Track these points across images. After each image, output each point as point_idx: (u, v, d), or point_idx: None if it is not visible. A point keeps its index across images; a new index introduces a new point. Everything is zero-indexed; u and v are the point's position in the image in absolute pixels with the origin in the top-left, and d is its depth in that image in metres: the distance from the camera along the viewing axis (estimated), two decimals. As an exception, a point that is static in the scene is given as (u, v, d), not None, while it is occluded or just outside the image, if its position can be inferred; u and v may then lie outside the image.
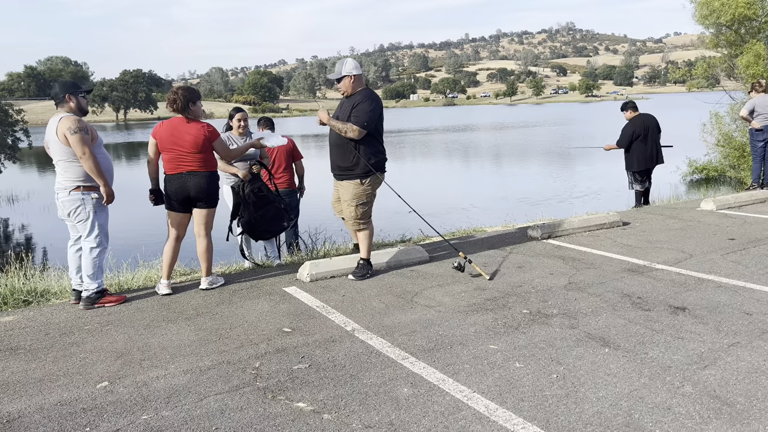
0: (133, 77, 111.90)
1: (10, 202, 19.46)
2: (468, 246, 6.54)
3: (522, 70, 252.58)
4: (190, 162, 4.93)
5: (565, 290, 4.90)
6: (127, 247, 8.10)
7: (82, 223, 4.68)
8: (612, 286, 4.97)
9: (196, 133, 4.90)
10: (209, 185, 5.00)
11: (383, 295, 4.89)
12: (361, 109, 5.10)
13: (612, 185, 17.64)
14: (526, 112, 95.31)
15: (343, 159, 5.21)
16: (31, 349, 3.96)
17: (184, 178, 4.95)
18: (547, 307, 4.50)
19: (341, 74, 5.19)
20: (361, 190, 5.24)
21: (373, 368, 3.51)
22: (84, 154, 4.51)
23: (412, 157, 32.82)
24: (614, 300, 4.61)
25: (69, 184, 4.62)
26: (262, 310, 4.59)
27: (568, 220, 7.19)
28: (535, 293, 4.84)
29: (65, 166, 4.61)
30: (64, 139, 4.53)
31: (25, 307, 4.92)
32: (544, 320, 4.22)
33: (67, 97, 4.69)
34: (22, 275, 5.56)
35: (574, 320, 4.20)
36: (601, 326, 4.07)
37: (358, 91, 5.23)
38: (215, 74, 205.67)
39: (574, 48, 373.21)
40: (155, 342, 4.02)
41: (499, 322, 4.21)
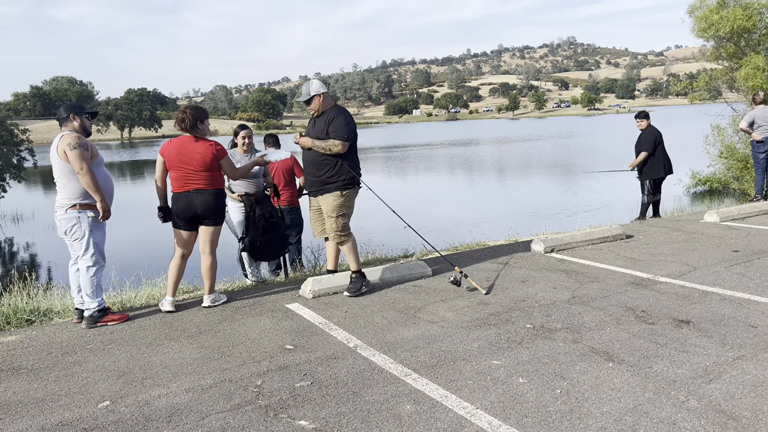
0: (138, 96, 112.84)
1: (15, 221, 19.55)
2: (470, 260, 6.52)
3: (524, 85, 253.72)
4: (198, 180, 4.96)
5: (568, 304, 4.88)
6: (131, 264, 8.11)
7: (78, 241, 4.69)
8: (616, 300, 4.94)
9: (204, 151, 4.93)
10: (216, 203, 5.02)
11: (386, 311, 4.87)
12: (337, 124, 5.20)
13: (617, 198, 17.63)
14: (529, 125, 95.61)
15: (322, 174, 5.26)
16: (33, 368, 3.96)
17: (192, 197, 4.97)
18: (550, 321, 4.48)
19: (310, 95, 5.29)
20: (341, 202, 5.29)
21: (375, 385, 3.49)
22: (81, 169, 4.53)
23: (416, 171, 32.88)
24: (618, 314, 4.59)
25: (66, 202, 4.65)
26: (265, 327, 4.58)
27: (572, 234, 7.17)
28: (538, 307, 4.82)
29: (63, 183, 4.65)
30: (63, 155, 4.57)
31: (27, 327, 4.92)
32: (548, 335, 4.19)
33: (71, 116, 4.75)
34: (26, 294, 5.56)
35: (578, 334, 4.17)
36: (605, 340, 4.04)
37: (329, 108, 5.34)
38: (219, 92, 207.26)
39: (575, 62, 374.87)
40: (157, 360, 4.01)
41: (502, 337, 4.19)
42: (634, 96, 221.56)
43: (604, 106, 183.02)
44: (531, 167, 31.26)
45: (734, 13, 15.06)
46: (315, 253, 7.22)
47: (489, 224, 13.51)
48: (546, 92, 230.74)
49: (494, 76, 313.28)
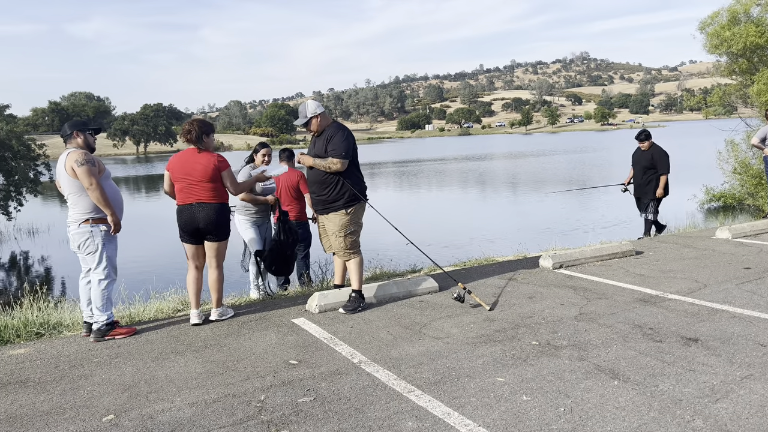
0: (154, 111, 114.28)
1: (30, 235, 19.79)
2: (478, 276, 6.51)
3: (537, 100, 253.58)
4: (200, 192, 4.99)
5: (575, 321, 4.84)
6: (140, 278, 8.18)
7: (91, 255, 4.76)
8: (623, 317, 4.90)
9: (206, 162, 4.98)
10: (218, 217, 5.02)
11: (391, 326, 4.87)
12: (335, 142, 5.24)
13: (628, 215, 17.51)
14: (542, 140, 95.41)
15: (326, 193, 5.30)
16: (41, 381, 3.99)
17: (194, 210, 5.01)
18: (556, 338, 4.45)
19: (308, 116, 5.34)
20: (347, 220, 5.31)
21: (378, 401, 3.48)
22: (91, 185, 4.61)
23: (428, 186, 32.90)
24: (625, 331, 4.55)
25: (78, 217, 4.73)
26: (270, 342, 4.60)
27: (580, 250, 7.13)
28: (544, 324, 4.79)
29: (74, 200, 4.73)
30: (72, 172, 4.65)
31: (37, 340, 4.97)
32: (553, 352, 4.16)
33: (75, 133, 4.84)
34: (36, 307, 5.63)
35: (584, 352, 4.14)
36: (611, 358, 4.01)
37: (328, 126, 5.38)
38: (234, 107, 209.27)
39: (589, 77, 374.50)
40: (162, 374, 4.03)
41: (507, 353, 4.16)
42: (648, 111, 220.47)
43: (617, 121, 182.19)
44: (544, 182, 31.16)
45: (747, 29, 15.01)
46: (322, 267, 7.24)
47: (499, 240, 13.48)
48: (559, 107, 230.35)
49: (507, 92, 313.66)
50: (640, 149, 9.14)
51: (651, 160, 8.97)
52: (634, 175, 9.26)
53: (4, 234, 20.00)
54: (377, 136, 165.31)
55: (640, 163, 9.14)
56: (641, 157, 9.13)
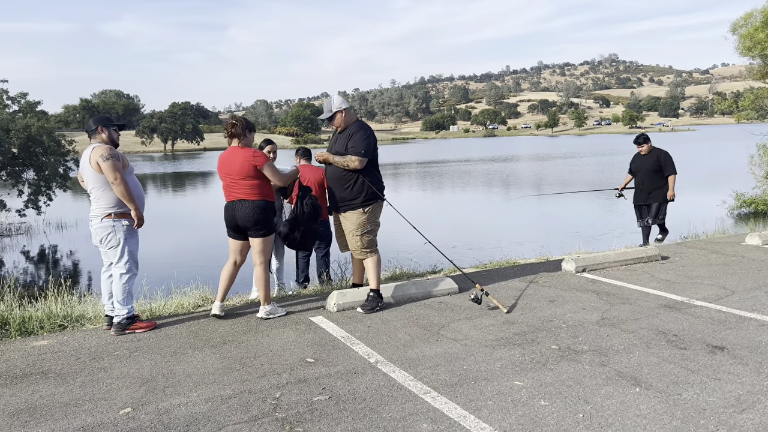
0: (182, 109, 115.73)
1: (59, 229, 20.20)
2: (498, 278, 6.43)
3: (564, 102, 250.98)
4: (239, 190, 5.01)
5: (597, 326, 4.75)
6: (163, 274, 8.27)
7: (113, 249, 4.82)
8: (647, 323, 4.79)
9: (242, 159, 4.98)
10: (257, 214, 4.98)
11: (409, 327, 4.83)
12: (356, 139, 5.22)
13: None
14: (568, 142, 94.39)
15: (344, 191, 5.28)
16: (61, 373, 4.05)
17: (234, 207, 5.03)
18: (577, 343, 4.37)
19: (332, 111, 5.32)
20: (364, 219, 5.28)
21: (393, 402, 3.45)
22: (116, 179, 4.67)
23: (452, 187, 32.75)
24: (648, 337, 4.44)
25: (101, 212, 4.78)
26: (288, 340, 4.59)
27: (604, 254, 7.01)
28: (565, 328, 4.70)
29: (97, 194, 4.79)
30: (96, 166, 4.71)
31: (60, 332, 5.04)
32: (574, 357, 4.08)
33: (99, 128, 4.90)
34: (60, 300, 5.72)
35: (605, 357, 4.05)
36: (633, 364, 3.92)
37: (351, 124, 5.36)
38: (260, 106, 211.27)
39: (617, 79, 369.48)
40: (180, 369, 4.05)
41: (527, 357, 4.10)
42: (678, 114, 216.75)
43: (646, 124, 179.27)
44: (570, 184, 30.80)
45: (781, 30, 14.63)
46: (342, 266, 7.23)
47: (522, 242, 13.34)
48: (586, 109, 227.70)
49: (533, 93, 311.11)
50: (640, 154, 8.71)
51: (657, 164, 8.54)
52: (639, 182, 8.74)
53: (33, 228, 20.47)
54: (401, 137, 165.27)
55: (644, 168, 8.66)
56: (644, 162, 8.67)
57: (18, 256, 17.51)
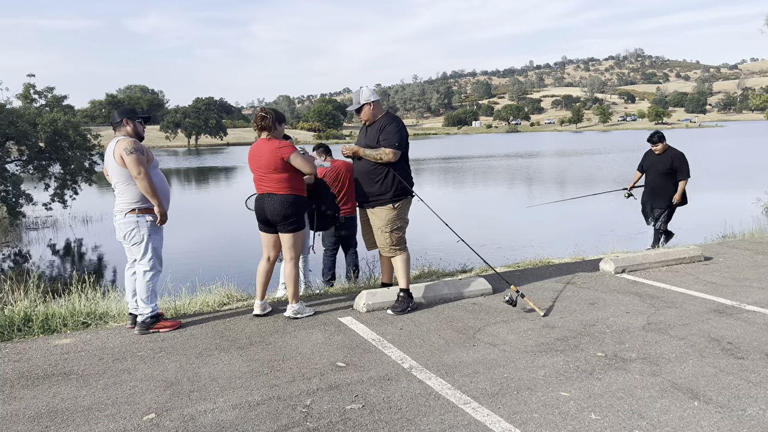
0: (205, 104, 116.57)
1: (84, 223, 20.34)
2: (533, 278, 6.17)
3: (588, 97, 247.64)
4: (268, 183, 4.84)
5: (643, 331, 4.47)
6: (188, 270, 8.15)
7: (136, 245, 4.68)
8: (697, 329, 4.50)
9: (269, 152, 4.80)
10: (285, 209, 4.79)
11: (443, 330, 4.61)
12: (389, 131, 5.03)
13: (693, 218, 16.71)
14: (593, 138, 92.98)
15: (373, 185, 5.08)
16: (84, 374, 3.90)
17: (263, 200, 4.88)
18: (624, 350, 4.10)
19: (360, 103, 5.11)
20: (394, 215, 5.08)
21: (431, 412, 3.23)
22: (139, 174, 4.52)
23: (476, 183, 32.37)
24: (701, 345, 4.16)
25: (125, 207, 4.64)
26: (317, 342, 4.40)
27: (644, 254, 6.70)
28: (610, 334, 4.44)
29: (121, 189, 4.65)
30: (120, 160, 4.56)
31: (83, 329, 4.92)
32: (622, 365, 3.82)
33: (124, 121, 4.75)
34: (84, 296, 5.60)
35: (656, 366, 3.79)
36: (688, 375, 3.64)
37: (380, 117, 5.16)
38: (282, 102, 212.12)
39: (643, 75, 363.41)
40: (206, 372, 3.88)
41: (571, 365, 3.84)
42: (705, 110, 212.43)
43: (672, 120, 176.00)
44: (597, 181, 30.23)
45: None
46: (370, 264, 7.03)
47: (554, 240, 13.00)
48: (611, 105, 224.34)
49: (557, 88, 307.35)
50: (653, 152, 8.19)
51: (669, 165, 7.97)
52: (648, 181, 8.23)
53: (59, 221, 20.66)
54: (423, 132, 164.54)
55: (655, 168, 8.14)
56: (657, 162, 8.14)
57: (44, 249, 17.65)
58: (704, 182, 26.61)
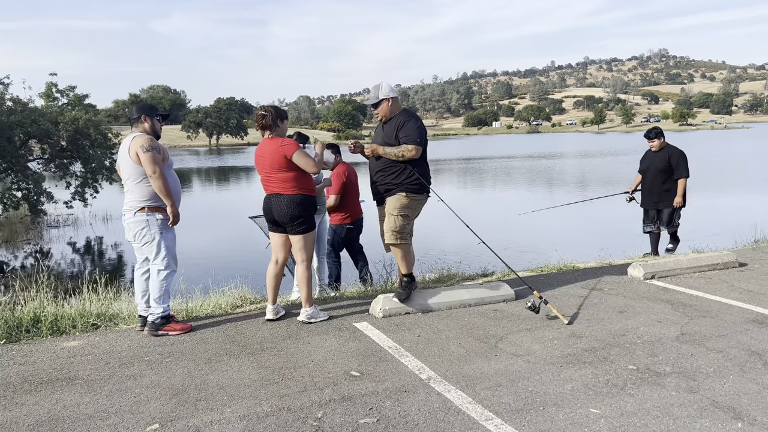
0: (226, 105, 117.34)
1: (104, 221, 20.47)
2: (558, 283, 5.91)
3: (611, 98, 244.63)
4: (273, 183, 4.68)
5: (677, 343, 4.21)
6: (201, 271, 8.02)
7: (148, 245, 4.56)
8: (735, 341, 4.22)
9: (271, 151, 4.63)
10: (292, 210, 4.62)
11: (463, 338, 4.38)
12: (409, 128, 4.88)
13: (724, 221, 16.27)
14: (615, 139, 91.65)
15: (390, 176, 4.92)
16: (89, 380, 3.75)
17: (270, 200, 4.73)
18: (657, 362, 3.84)
19: (378, 98, 4.94)
20: (407, 201, 4.91)
21: (451, 429, 3.02)
22: (154, 173, 4.39)
23: (496, 184, 31.98)
24: (741, 358, 3.88)
25: (134, 205, 4.52)
26: (330, 348, 4.21)
27: (675, 259, 6.39)
28: (641, 345, 4.18)
29: (132, 187, 4.53)
30: (135, 157, 4.44)
31: (93, 331, 4.79)
32: (656, 380, 3.57)
33: (142, 117, 4.62)
34: (95, 297, 5.48)
35: (693, 382, 3.53)
36: (729, 392, 3.38)
37: (398, 113, 4.99)
38: (302, 102, 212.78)
39: (667, 75, 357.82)
40: (214, 379, 3.71)
41: (600, 379, 3.60)
42: (731, 111, 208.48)
43: (697, 121, 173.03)
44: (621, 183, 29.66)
45: None
46: (387, 267, 6.82)
47: (578, 243, 12.68)
48: (634, 106, 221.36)
49: (579, 89, 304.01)
50: (651, 151, 7.68)
51: (668, 163, 7.49)
52: (646, 182, 7.72)
53: (80, 220, 20.80)
54: (443, 133, 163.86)
55: (653, 168, 7.62)
56: (654, 160, 7.62)
57: (63, 247, 17.74)
58: (733, 184, 25.97)
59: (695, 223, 15.24)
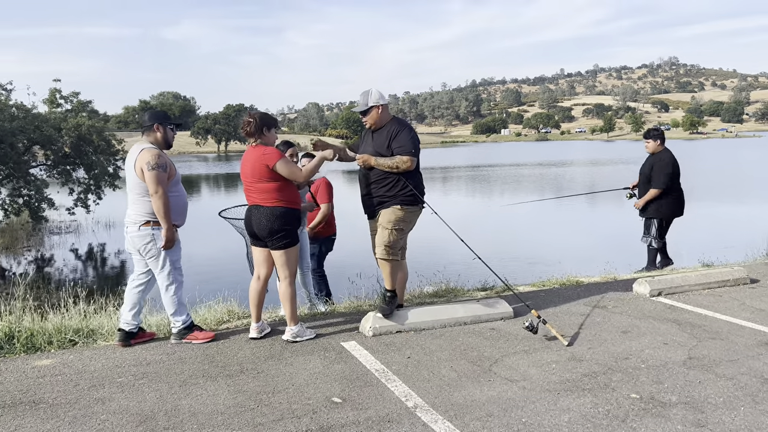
0: (236, 111, 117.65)
1: (107, 228, 20.36)
2: (559, 300, 5.64)
3: (620, 106, 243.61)
4: (254, 194, 4.46)
5: (684, 368, 3.93)
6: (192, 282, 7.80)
7: (154, 259, 4.43)
8: (747, 366, 3.94)
9: (253, 160, 4.40)
10: (272, 223, 4.37)
11: (455, 360, 4.12)
12: (402, 138, 4.64)
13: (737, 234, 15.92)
14: (625, 148, 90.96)
15: (384, 189, 4.68)
16: (54, 404, 3.53)
17: (251, 211, 4.51)
18: (662, 390, 3.57)
19: (368, 105, 4.69)
20: (402, 214, 4.67)
21: (434, 467, 2.76)
22: (156, 192, 4.26)
23: (503, 192, 31.67)
24: (753, 387, 3.60)
25: (138, 218, 4.38)
26: (314, 371, 3.96)
27: (683, 275, 6.10)
28: (645, 370, 3.90)
29: (136, 199, 4.39)
30: (140, 173, 4.30)
31: (70, 348, 4.57)
32: (660, 411, 3.30)
33: (155, 126, 4.46)
34: (76, 311, 5.26)
35: (701, 414, 3.25)
36: (740, 426, 3.10)
37: (389, 121, 4.76)
38: (311, 109, 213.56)
39: (677, 83, 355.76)
40: (186, 405, 3.47)
41: (600, 409, 3.33)
42: (742, 120, 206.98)
43: (708, 129, 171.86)
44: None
45: None
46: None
47: (582, 255, 12.37)
48: (644, 114, 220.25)
49: (588, 97, 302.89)
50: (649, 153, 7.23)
51: (650, 169, 7.08)
52: (639, 187, 7.37)
53: (83, 226, 20.70)
54: (451, 140, 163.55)
55: (642, 173, 7.22)
56: (644, 165, 7.22)
57: (62, 255, 17.58)
58: (744, 194, 25.54)
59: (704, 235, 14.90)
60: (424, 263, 8.43)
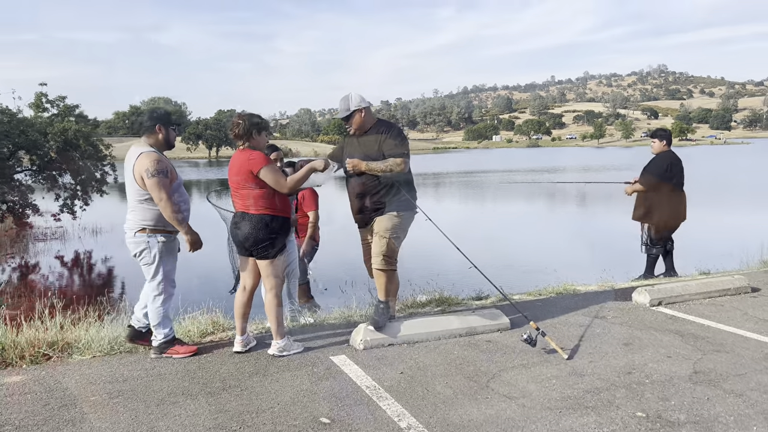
0: (227, 117, 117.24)
1: (94, 234, 19.95)
2: (557, 310, 5.45)
3: (610, 113, 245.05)
4: (239, 200, 4.25)
5: (690, 383, 3.74)
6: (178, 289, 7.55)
7: (147, 266, 4.24)
8: (755, 381, 3.76)
9: (239, 164, 4.18)
10: (257, 231, 4.14)
11: (451, 376, 3.92)
12: (392, 141, 4.46)
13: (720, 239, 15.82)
14: (616, 154, 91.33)
15: (378, 195, 4.49)
16: (20, 425, 3.29)
17: (236, 219, 4.29)
18: (669, 408, 3.38)
19: (350, 110, 4.49)
20: (398, 221, 4.48)
21: (429, 496, 2.54)
22: (161, 200, 4.04)
23: (496, 199, 31.56)
24: (764, 404, 3.42)
25: (134, 225, 4.18)
26: (301, 388, 3.74)
27: (684, 284, 5.93)
28: (650, 385, 3.71)
29: (134, 206, 4.19)
30: (140, 180, 4.07)
31: (43, 362, 4.32)
32: (669, 431, 3.10)
33: (157, 127, 4.22)
34: (52, 323, 5.00)
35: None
36: (754, 449, 2.91)
37: (375, 125, 4.58)
38: (303, 115, 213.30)
39: (666, 90, 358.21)
40: (163, 426, 3.24)
41: (606, 429, 3.14)
42: (731, 127, 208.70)
43: (697, 136, 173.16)
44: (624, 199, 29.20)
45: None
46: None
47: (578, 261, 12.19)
48: (634, 121, 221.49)
49: (579, 104, 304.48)
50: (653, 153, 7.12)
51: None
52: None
53: (69, 233, 20.30)
54: (443, 146, 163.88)
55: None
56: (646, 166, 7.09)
57: (46, 262, 17.18)
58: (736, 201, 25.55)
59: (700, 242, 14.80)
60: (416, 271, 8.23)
